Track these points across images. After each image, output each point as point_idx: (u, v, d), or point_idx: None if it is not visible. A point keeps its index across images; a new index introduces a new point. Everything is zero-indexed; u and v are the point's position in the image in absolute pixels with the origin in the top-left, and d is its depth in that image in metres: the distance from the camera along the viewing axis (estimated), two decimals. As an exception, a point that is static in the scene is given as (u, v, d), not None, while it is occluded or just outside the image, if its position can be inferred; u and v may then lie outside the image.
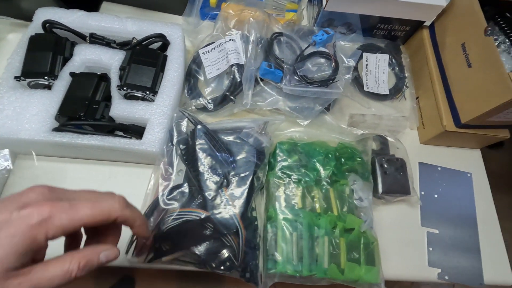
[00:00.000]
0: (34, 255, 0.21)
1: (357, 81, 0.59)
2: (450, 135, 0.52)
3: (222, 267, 0.40)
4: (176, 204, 0.41)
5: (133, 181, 0.47)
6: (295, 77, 0.49)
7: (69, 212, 0.22)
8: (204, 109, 0.52)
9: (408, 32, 0.61)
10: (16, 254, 0.20)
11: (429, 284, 1.11)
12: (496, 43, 0.50)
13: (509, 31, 0.50)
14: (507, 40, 0.50)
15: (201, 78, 0.53)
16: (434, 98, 0.53)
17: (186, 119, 0.45)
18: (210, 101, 0.51)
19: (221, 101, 0.50)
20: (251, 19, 0.51)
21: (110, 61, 0.47)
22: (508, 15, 0.51)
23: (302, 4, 0.66)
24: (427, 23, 0.58)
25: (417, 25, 0.59)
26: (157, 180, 0.43)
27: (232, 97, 0.50)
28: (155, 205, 0.42)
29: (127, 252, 0.41)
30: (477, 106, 0.46)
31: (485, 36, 0.45)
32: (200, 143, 0.43)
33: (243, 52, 0.50)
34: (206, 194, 0.41)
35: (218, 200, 0.41)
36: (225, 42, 0.51)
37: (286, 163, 0.46)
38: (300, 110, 0.52)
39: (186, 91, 0.53)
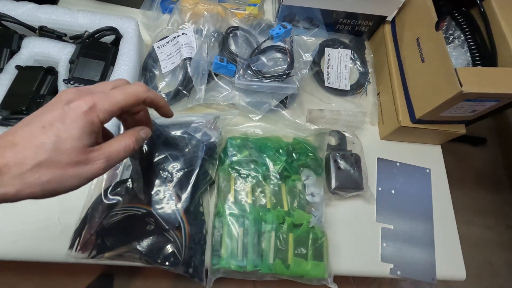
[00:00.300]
0: (96, 138, 0.26)
1: (319, 76, 0.58)
2: (406, 130, 0.51)
3: (166, 263, 0.40)
4: (119, 200, 0.41)
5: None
6: (249, 71, 0.49)
7: (107, 99, 0.26)
8: (159, 104, 0.51)
9: (371, 28, 0.61)
10: (85, 134, 0.25)
11: (405, 281, 1.11)
12: (451, 38, 0.50)
13: (465, 25, 0.50)
14: (462, 35, 0.49)
15: (157, 72, 0.53)
16: (392, 94, 0.53)
17: (134, 114, 0.45)
18: (163, 95, 0.50)
19: (174, 96, 0.50)
20: (205, 12, 0.51)
21: (59, 54, 0.46)
22: (464, 9, 0.50)
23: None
24: (389, 18, 0.58)
25: (380, 20, 0.59)
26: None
27: (185, 92, 0.49)
28: (99, 200, 0.41)
29: (71, 247, 0.40)
30: (429, 101, 0.46)
31: (436, 31, 0.45)
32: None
33: (197, 46, 0.50)
34: (150, 189, 0.41)
35: (161, 195, 0.40)
36: (179, 36, 0.50)
37: (235, 158, 0.45)
38: (256, 104, 0.51)
39: (141, 85, 0.52)
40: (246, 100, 0.51)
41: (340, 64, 0.59)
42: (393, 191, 0.53)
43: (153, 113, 0.33)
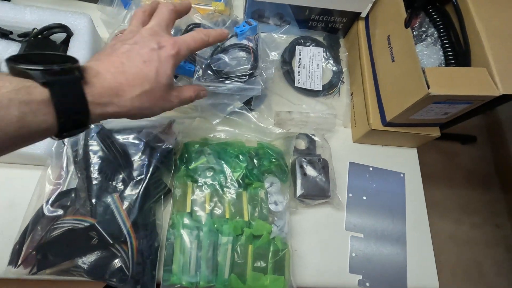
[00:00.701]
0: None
1: (289, 76, 0.55)
2: (378, 133, 0.49)
3: (114, 279, 0.37)
4: (61, 212, 0.38)
5: (21, 185, 0.43)
6: (209, 71, 0.46)
7: (185, 45, 0.32)
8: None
9: (346, 24, 0.58)
10: (172, 73, 0.31)
11: None
12: (424, 35, 0.47)
13: (439, 22, 0.47)
14: (435, 32, 0.47)
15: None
16: (363, 94, 0.50)
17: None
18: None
19: (131, 98, 0.47)
20: (162, 8, 0.47)
21: (1, 53, 0.43)
22: (439, 5, 0.47)
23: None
24: (363, 15, 0.55)
25: (354, 17, 0.56)
26: (43, 185, 0.39)
27: None
28: (40, 212, 0.38)
29: (10, 263, 0.37)
30: (398, 104, 0.43)
31: (405, 29, 0.42)
32: (92, 144, 0.39)
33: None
34: (95, 200, 0.38)
35: (107, 207, 0.37)
36: (133, 33, 0.47)
37: (192, 166, 0.42)
38: (219, 107, 0.48)
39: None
40: (208, 102, 0.48)
41: (312, 63, 0.56)
42: (364, 197, 0.50)
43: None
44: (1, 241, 0.41)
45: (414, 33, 0.47)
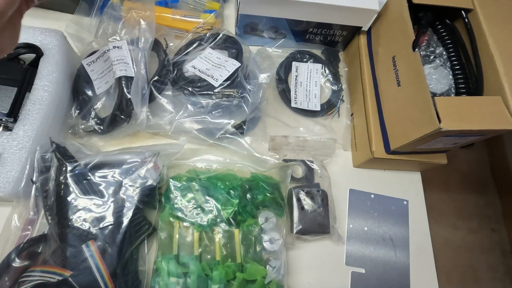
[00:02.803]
0: None
1: (285, 95, 0.51)
2: (381, 161, 0.45)
3: (91, 335, 0.33)
4: (30, 262, 0.34)
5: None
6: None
7: None
8: (95, 131, 0.43)
9: (346, 37, 0.54)
10: None
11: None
12: (432, 56, 0.43)
13: (448, 40, 0.43)
14: (444, 52, 0.43)
15: (91, 94, 0.45)
16: (365, 117, 0.47)
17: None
18: (98, 121, 0.42)
19: (111, 122, 0.42)
20: (141, 21, 0.42)
21: (-40, 78, 0.38)
22: (448, 22, 0.44)
23: (230, 4, 0.57)
24: (365, 28, 0.51)
25: (355, 30, 0.52)
26: (9, 230, 0.35)
27: (123, 117, 0.42)
28: (6, 262, 0.34)
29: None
30: (404, 133, 0.40)
31: (413, 52, 0.38)
32: (65, 184, 0.35)
33: (133, 61, 0.42)
34: (68, 248, 0.33)
35: (82, 256, 0.33)
36: (109, 50, 0.42)
37: (178, 204, 0.38)
38: (208, 132, 0.44)
39: (73, 110, 0.44)
40: (197, 127, 0.44)
41: (310, 81, 0.52)
42: (366, 228, 0.47)
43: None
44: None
45: (421, 53, 0.43)
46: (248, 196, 0.41)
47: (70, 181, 0.35)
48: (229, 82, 0.44)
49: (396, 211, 0.49)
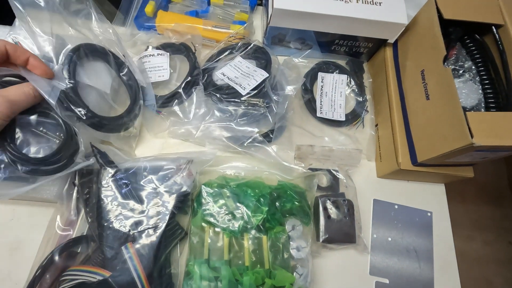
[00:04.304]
0: None
1: (310, 105, 0.52)
2: (406, 172, 0.46)
3: (127, 334, 0.35)
4: (71, 261, 0.35)
5: (30, 224, 0.40)
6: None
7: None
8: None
9: (371, 49, 0.54)
10: None
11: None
12: (461, 70, 0.43)
13: (477, 55, 0.44)
14: (473, 67, 0.43)
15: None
16: (391, 129, 0.47)
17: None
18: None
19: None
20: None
21: None
22: (478, 36, 0.44)
23: (257, 15, 0.59)
24: (391, 41, 0.51)
25: (381, 42, 0.53)
26: (52, 230, 0.37)
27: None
28: (50, 260, 0.36)
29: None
30: (433, 146, 0.40)
31: (444, 67, 0.38)
32: (105, 188, 0.37)
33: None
34: (107, 250, 0.35)
35: (121, 258, 0.35)
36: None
37: (210, 210, 0.39)
38: (237, 140, 0.46)
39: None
40: (227, 135, 0.46)
41: (335, 91, 0.53)
42: (389, 239, 0.47)
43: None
44: (8, 285, 0.39)
45: (450, 67, 0.44)
46: (277, 204, 0.42)
47: (111, 185, 0.36)
48: (256, 91, 0.46)
49: (420, 222, 0.49)
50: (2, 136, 0.33)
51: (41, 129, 0.35)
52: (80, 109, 0.36)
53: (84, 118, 0.36)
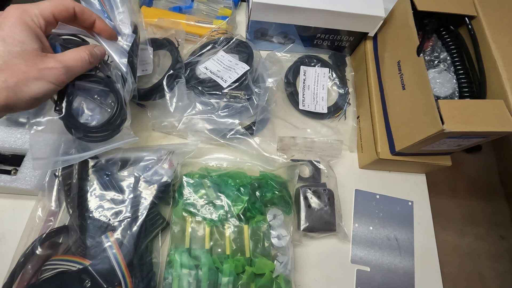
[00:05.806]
0: (42, 43, 0.28)
1: (293, 98, 0.53)
2: (386, 162, 0.47)
3: (108, 323, 0.35)
4: (52, 251, 0.36)
5: (12, 217, 0.41)
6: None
7: (35, 5, 0.28)
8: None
9: (353, 43, 0.55)
10: (28, 38, 0.27)
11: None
12: (436, 61, 0.44)
13: (452, 47, 0.45)
14: (448, 57, 0.44)
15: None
16: (371, 120, 0.48)
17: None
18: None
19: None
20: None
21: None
22: (453, 28, 0.45)
23: (241, 10, 0.60)
24: (371, 34, 0.52)
25: (362, 36, 0.54)
26: (34, 221, 0.37)
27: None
28: (30, 251, 0.36)
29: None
30: (409, 135, 0.41)
31: (417, 57, 0.39)
32: (86, 178, 0.37)
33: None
34: (88, 239, 0.36)
35: (101, 246, 0.35)
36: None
37: (190, 200, 0.40)
38: (219, 132, 0.46)
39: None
40: (209, 127, 0.46)
41: (317, 84, 0.54)
42: (371, 228, 0.48)
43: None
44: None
45: (426, 58, 0.45)
46: (257, 193, 0.42)
47: (92, 176, 0.37)
48: (237, 84, 0.47)
49: (401, 211, 0.50)
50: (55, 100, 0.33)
51: (95, 96, 0.35)
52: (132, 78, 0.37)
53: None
